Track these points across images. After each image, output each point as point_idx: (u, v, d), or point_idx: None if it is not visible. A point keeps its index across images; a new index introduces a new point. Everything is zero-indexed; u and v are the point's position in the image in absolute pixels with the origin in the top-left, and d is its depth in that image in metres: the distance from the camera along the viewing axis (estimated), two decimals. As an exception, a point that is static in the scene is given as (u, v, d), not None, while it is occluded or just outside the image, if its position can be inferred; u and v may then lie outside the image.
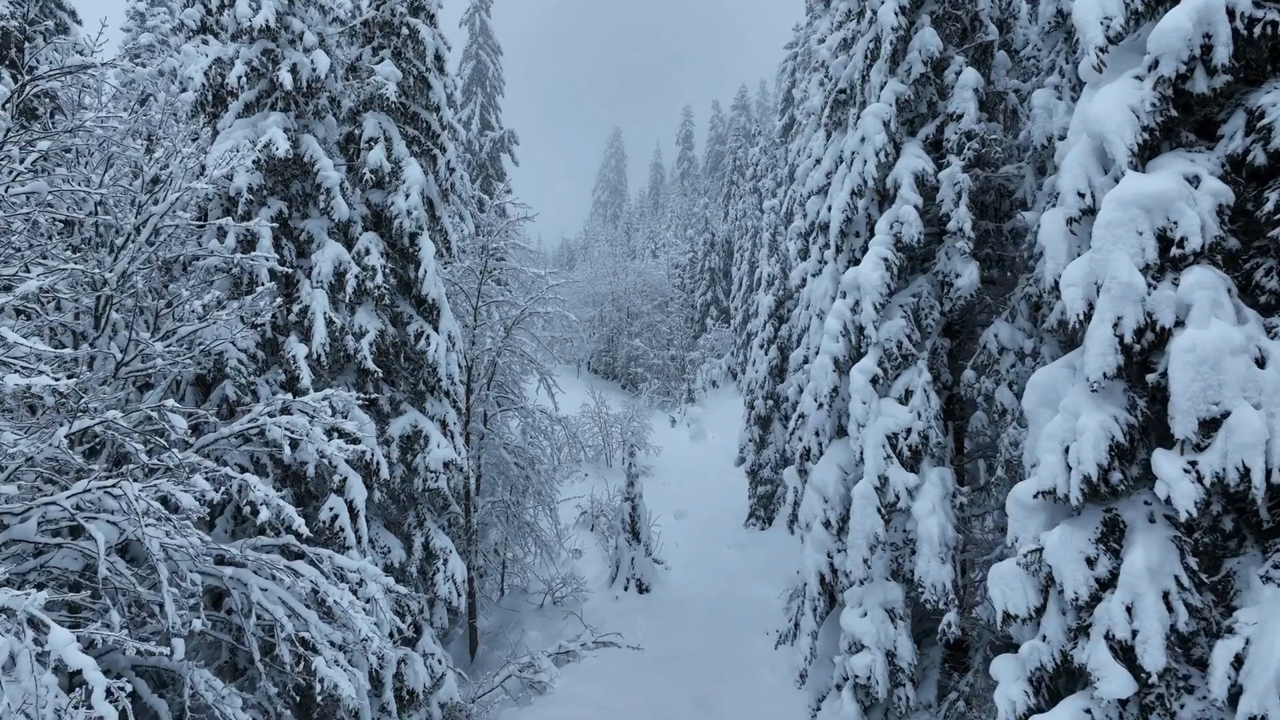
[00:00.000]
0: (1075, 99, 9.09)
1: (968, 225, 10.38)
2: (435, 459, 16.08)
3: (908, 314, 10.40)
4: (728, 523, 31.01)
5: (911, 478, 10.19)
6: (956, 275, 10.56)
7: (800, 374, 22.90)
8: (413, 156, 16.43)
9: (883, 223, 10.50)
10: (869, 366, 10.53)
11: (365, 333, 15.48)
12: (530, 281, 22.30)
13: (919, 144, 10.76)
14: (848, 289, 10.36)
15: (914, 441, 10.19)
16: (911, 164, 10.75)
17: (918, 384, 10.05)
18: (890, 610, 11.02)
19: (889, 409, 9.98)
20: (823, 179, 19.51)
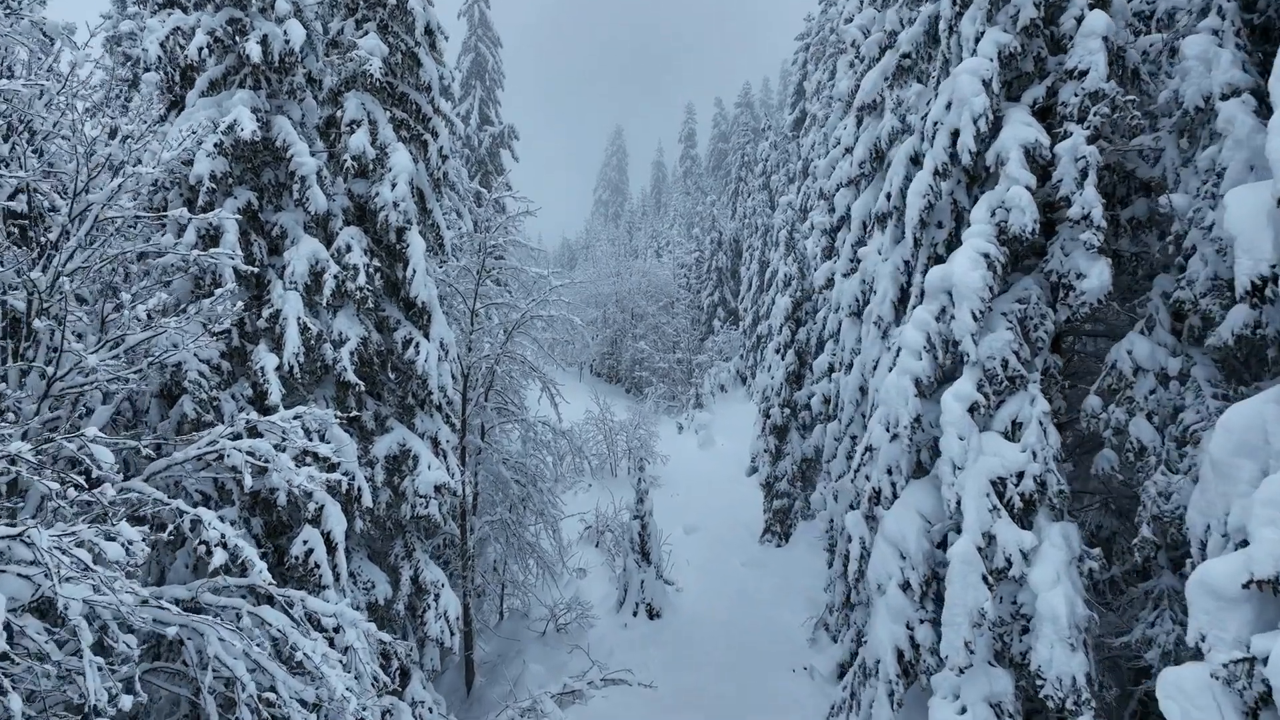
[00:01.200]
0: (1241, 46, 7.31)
1: (1097, 211, 8.37)
2: (425, 482, 14.28)
3: (1013, 324, 8.46)
4: (741, 538, 29.20)
5: (1026, 536, 8.13)
6: (1078, 275, 8.54)
7: (824, 383, 21.11)
8: (400, 142, 14.64)
9: (981, 209, 8.60)
10: (966, 391, 8.43)
11: (345, 340, 13.68)
12: (531, 282, 20.50)
13: (1025, 110, 8.83)
14: (932, 292, 8.49)
15: (1028, 489, 8.16)
16: (1020, 134, 8.78)
17: (1030, 414, 8.13)
18: (997, 706, 8.70)
19: (993, 445, 8.05)
20: (853, 169, 17.72)
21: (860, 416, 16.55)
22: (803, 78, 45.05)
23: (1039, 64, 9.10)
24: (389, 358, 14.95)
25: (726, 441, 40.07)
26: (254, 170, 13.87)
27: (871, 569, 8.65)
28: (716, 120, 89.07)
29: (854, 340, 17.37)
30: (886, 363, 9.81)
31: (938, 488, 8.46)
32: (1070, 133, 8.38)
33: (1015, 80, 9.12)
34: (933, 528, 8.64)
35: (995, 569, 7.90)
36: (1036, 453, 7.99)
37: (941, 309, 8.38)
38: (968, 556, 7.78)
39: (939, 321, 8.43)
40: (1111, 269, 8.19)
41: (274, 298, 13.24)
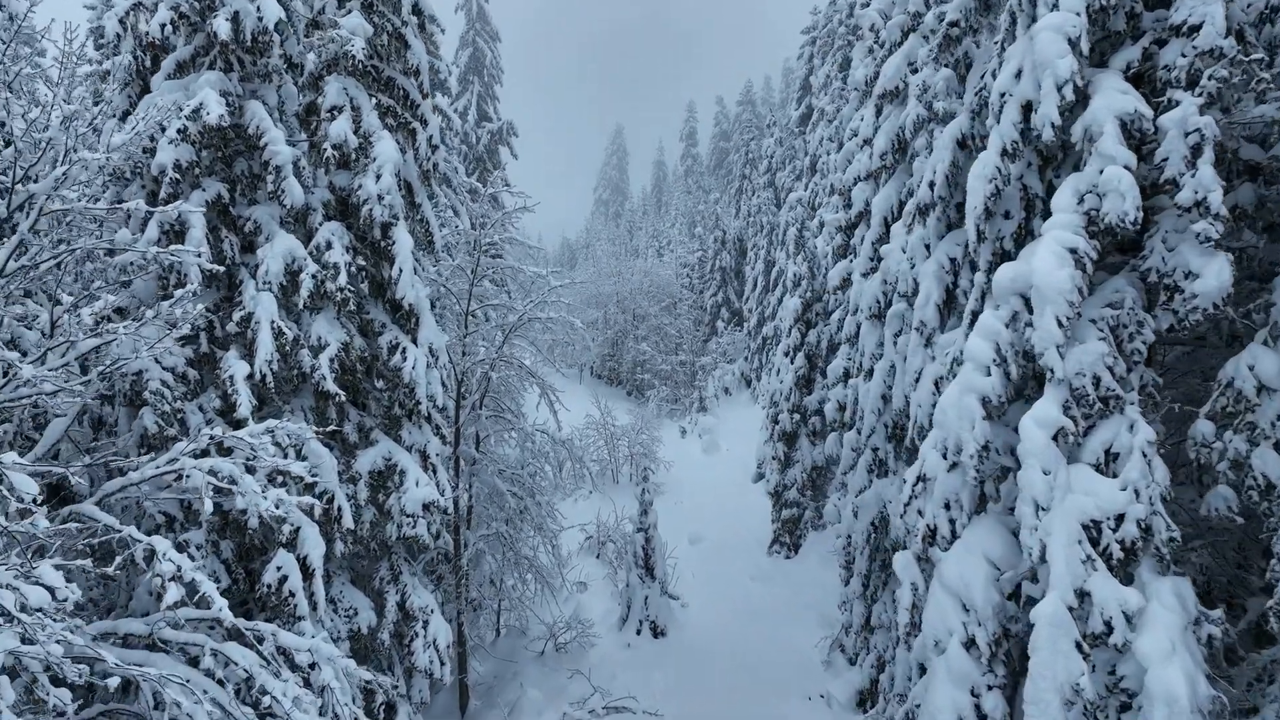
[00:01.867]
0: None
1: (1215, 197, 6.99)
2: (413, 500, 13.12)
3: (1105, 333, 7.24)
4: (749, 549, 28.03)
5: (1130, 595, 6.61)
6: (1187, 274, 7.33)
7: (839, 389, 19.95)
8: (386, 130, 13.48)
9: (1065, 195, 7.29)
10: (1050, 415, 6.98)
11: (325, 346, 12.52)
12: (530, 282, 19.34)
13: (1117, 76, 7.55)
14: (1002, 294, 7.25)
15: (1129, 535, 6.82)
16: (1115, 104, 7.29)
17: (1129, 443, 6.87)
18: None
19: (1084, 481, 6.80)
20: (873, 162, 16.56)
21: (883, 427, 15.39)
22: (809, 72, 43.88)
23: (1132, 21, 7.81)
24: (374, 364, 13.80)
25: (731, 446, 38.91)
26: (225, 160, 12.72)
27: (927, 622, 7.43)
28: (718, 119, 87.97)
29: (874, 345, 16.22)
30: (931, 374, 8.68)
31: (1009, 527, 7.26)
32: (1176, 101, 7.11)
33: (1102, 42, 7.84)
34: (1002, 575, 7.38)
35: (1091, 634, 6.62)
36: (1140, 491, 6.70)
37: (1013, 314, 7.15)
38: (1057, 618, 6.51)
39: (1010, 329, 7.20)
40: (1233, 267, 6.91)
41: (246, 299, 12.09)
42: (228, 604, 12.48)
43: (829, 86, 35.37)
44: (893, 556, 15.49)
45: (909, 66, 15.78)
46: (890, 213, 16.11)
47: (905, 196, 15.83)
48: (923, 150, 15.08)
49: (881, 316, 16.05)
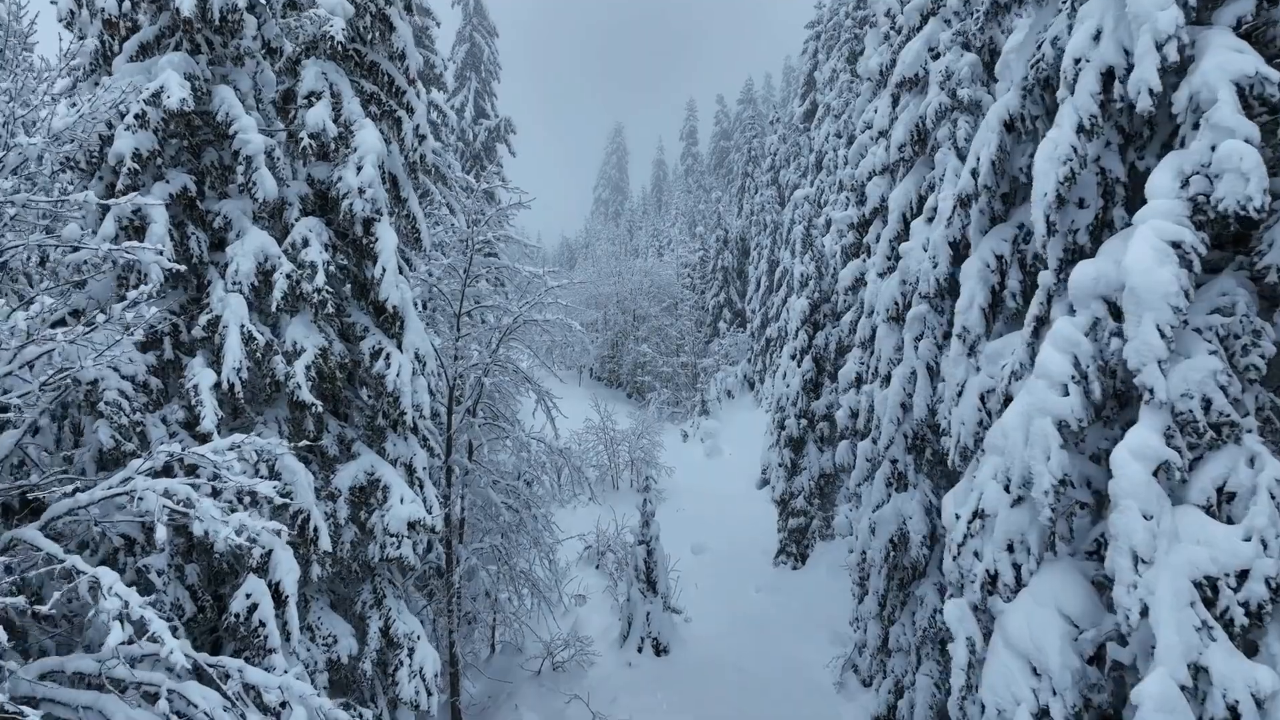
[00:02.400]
0: None
1: None
2: (396, 518, 12.12)
3: (1215, 345, 6.17)
4: (754, 559, 27.03)
5: (1262, 674, 5.31)
6: None
7: (851, 394, 18.95)
8: (369, 118, 12.48)
9: (1163, 176, 6.08)
10: (1149, 445, 5.71)
11: (301, 352, 11.52)
12: (526, 282, 18.35)
13: (1227, 33, 6.48)
14: (1082, 297, 6.15)
15: (1256, 596, 5.43)
16: (1230, 64, 5.96)
17: (1253, 481, 5.71)
18: None
19: (1194, 527, 5.62)
20: (890, 155, 15.58)
21: (903, 438, 14.40)
22: (813, 67, 42.89)
23: (1240, -40, 6.81)
24: (356, 372, 12.80)
25: (734, 451, 37.91)
26: (193, 150, 11.71)
27: (988, 686, 6.37)
28: (718, 117, 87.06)
29: (892, 349, 15.22)
30: (976, 387, 7.68)
31: (1086, 575, 6.23)
32: (1304, 58, 6.10)
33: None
34: (1081, 634, 6.30)
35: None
36: (1268, 541, 5.68)
37: (1093, 321, 6.12)
38: (1167, 700, 5.27)
39: (1091, 339, 6.18)
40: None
41: (213, 301, 11.09)
42: (196, 634, 11.57)
43: (835, 81, 34.40)
44: (914, 577, 14.54)
45: (929, 52, 14.80)
46: (909, 208, 15.13)
47: (926, 191, 14.85)
48: (945, 141, 14.09)
49: (900, 319, 15.06)
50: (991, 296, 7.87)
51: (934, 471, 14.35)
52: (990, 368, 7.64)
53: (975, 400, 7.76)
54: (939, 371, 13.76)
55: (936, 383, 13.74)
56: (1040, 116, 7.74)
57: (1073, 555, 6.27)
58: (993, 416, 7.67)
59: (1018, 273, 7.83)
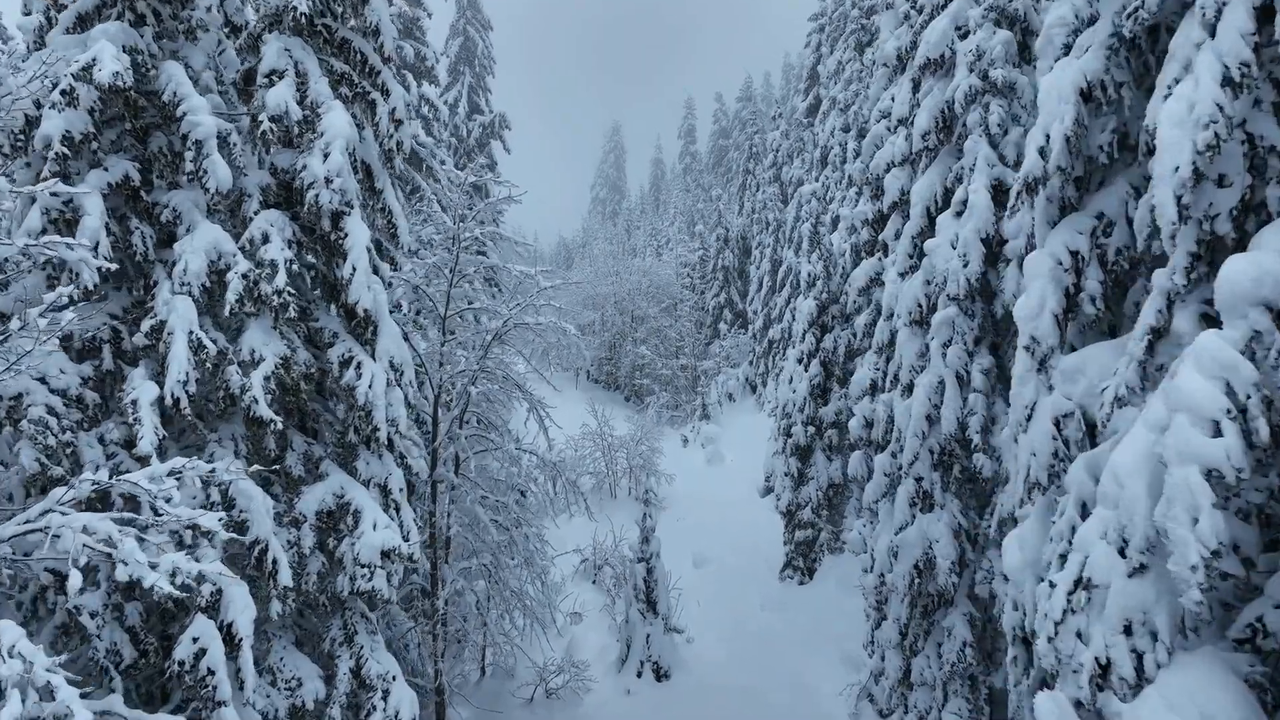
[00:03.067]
0: None
1: None
2: (368, 547, 10.84)
3: None
4: (759, 573, 25.76)
5: None
6: None
7: (865, 402, 17.69)
8: (338, 101, 11.20)
9: None
10: None
11: (259, 361, 10.24)
12: (516, 284, 17.07)
13: None
14: (1235, 305, 4.71)
15: None
16: None
17: None
18: None
19: None
20: (912, 144, 14.33)
21: (928, 453, 13.15)
22: (816, 61, 41.65)
23: None
24: (325, 382, 11.52)
25: (736, 457, 36.64)
26: (138, 135, 10.43)
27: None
28: (717, 116, 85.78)
29: (915, 355, 13.97)
30: (1050, 410, 6.43)
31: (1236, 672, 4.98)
32: None
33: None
34: None
35: None
36: None
37: (1251, 335, 4.85)
38: None
39: (1251, 357, 4.89)
40: None
41: (158, 305, 9.81)
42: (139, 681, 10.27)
43: (841, 73, 33.16)
44: (939, 604, 13.27)
45: (956, 31, 13.55)
46: (934, 202, 13.88)
47: (952, 183, 13.60)
48: (975, 128, 12.84)
49: (924, 323, 13.81)
50: (1066, 300, 6.64)
51: (963, 490, 13.10)
52: (1067, 387, 6.41)
53: (1048, 426, 6.51)
54: (970, 381, 12.51)
55: (967, 393, 12.49)
56: (1126, 83, 6.50)
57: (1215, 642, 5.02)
58: (1071, 446, 6.44)
59: (1098, 271, 6.59)
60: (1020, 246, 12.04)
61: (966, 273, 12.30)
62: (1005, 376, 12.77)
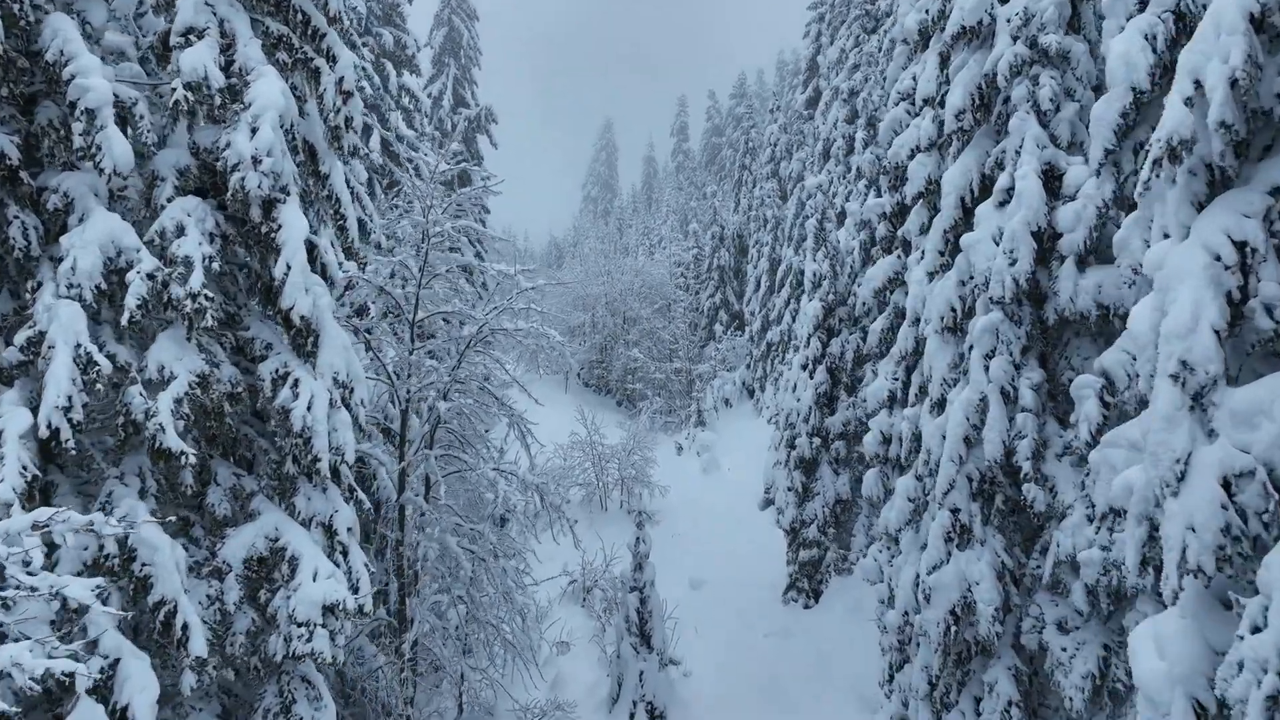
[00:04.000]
0: None
1: None
2: (307, 601, 9.02)
3: None
4: (760, 595, 23.95)
5: None
6: None
7: (883, 416, 15.95)
8: (273, 67, 9.38)
9: None
10: None
11: (169, 380, 8.42)
12: (494, 284, 15.24)
13: None
14: None
15: None
16: None
17: None
18: None
19: None
20: (947, 123, 12.59)
21: (966, 481, 11.39)
22: (816, 51, 39.93)
23: None
24: (255, 402, 9.69)
25: (734, 466, 34.84)
26: (21, 104, 8.59)
27: None
28: (710, 113, 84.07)
29: (947, 367, 12.22)
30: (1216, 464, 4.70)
31: None
32: None
33: None
34: None
35: None
36: None
37: None
38: None
39: None
40: None
41: (38, 311, 7.97)
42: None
43: (844, 62, 31.44)
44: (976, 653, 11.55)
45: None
46: (968, 191, 12.12)
47: (992, 168, 11.84)
48: (1022, 103, 11.08)
49: (958, 329, 12.06)
50: (1230, 310, 4.91)
51: (1006, 524, 11.34)
52: (1241, 434, 4.68)
53: (1214, 490, 4.73)
54: (1017, 398, 10.75)
55: (1014, 413, 10.73)
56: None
57: None
58: (1250, 519, 4.69)
59: (1277, 268, 4.86)
60: (1078, 240, 10.32)
61: (1014, 272, 10.54)
62: (1056, 393, 11.02)
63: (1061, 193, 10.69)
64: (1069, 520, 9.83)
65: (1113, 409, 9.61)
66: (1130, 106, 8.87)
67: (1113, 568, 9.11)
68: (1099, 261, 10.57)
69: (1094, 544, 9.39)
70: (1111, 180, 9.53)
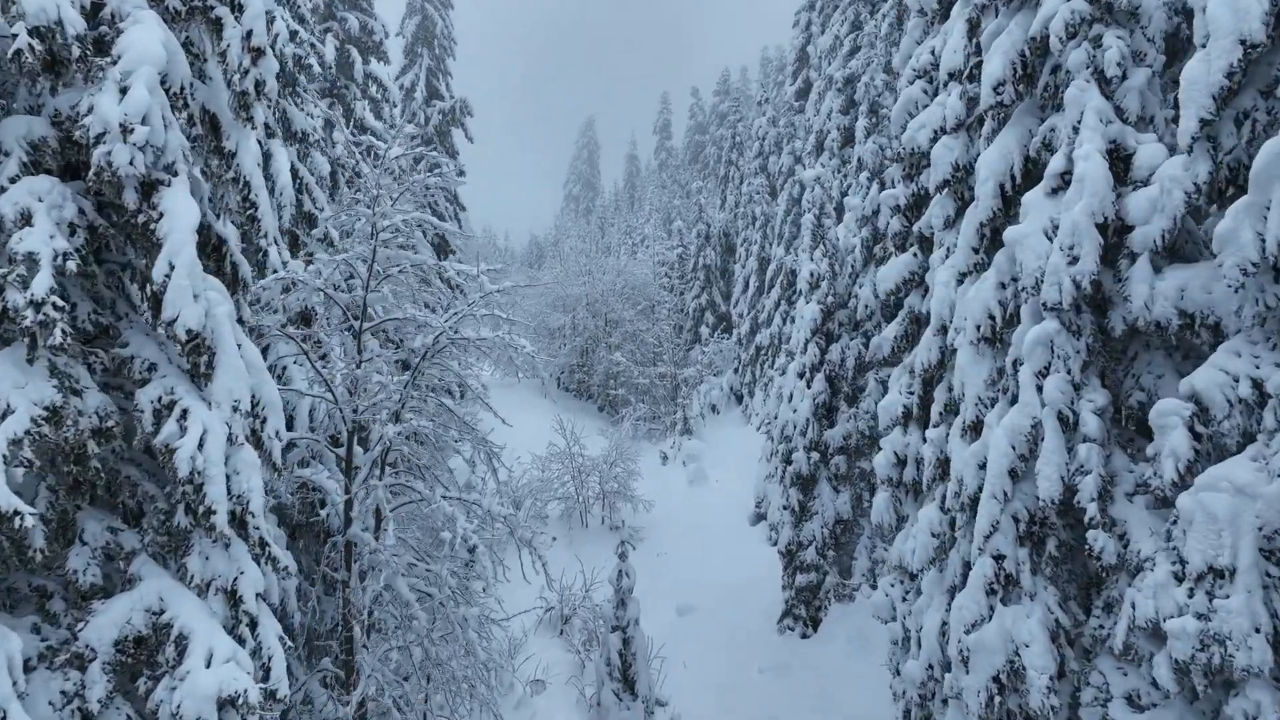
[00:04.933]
0: None
1: None
2: (198, 695, 7.05)
3: None
4: (753, 623, 22.12)
5: None
6: None
7: (897, 436, 14.11)
8: (161, 15, 7.40)
9: None
10: None
11: (6, 414, 6.44)
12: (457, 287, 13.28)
13: None
14: None
15: None
16: None
17: None
18: None
19: None
20: (976, 102, 10.77)
21: (1012, 522, 9.55)
22: (807, 41, 38.15)
23: None
24: (133, 440, 7.70)
25: (722, 477, 33.00)
26: None
27: None
28: (693, 110, 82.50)
29: (982, 383, 10.39)
30: None
31: None
32: None
33: None
34: None
35: None
36: None
37: None
38: None
39: None
40: None
41: None
42: None
43: (839, 49, 29.66)
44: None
45: (1043, -57, 9.94)
46: (1009, 176, 10.28)
47: (1039, 150, 10.00)
48: (1080, 70, 9.25)
49: (997, 340, 10.24)
50: None
51: (1059, 573, 9.50)
52: None
53: None
54: (1078, 425, 8.92)
55: (1074, 442, 8.90)
56: None
57: None
58: None
59: None
60: (1154, 234, 8.50)
61: (1075, 272, 8.71)
62: (1122, 418, 9.20)
63: (1131, 177, 8.87)
64: (1149, 578, 8.00)
65: (1206, 441, 7.81)
66: (1238, 64, 7.07)
67: (1214, 642, 7.29)
68: (1174, 260, 8.79)
69: (1186, 610, 7.57)
70: (1206, 159, 7.72)
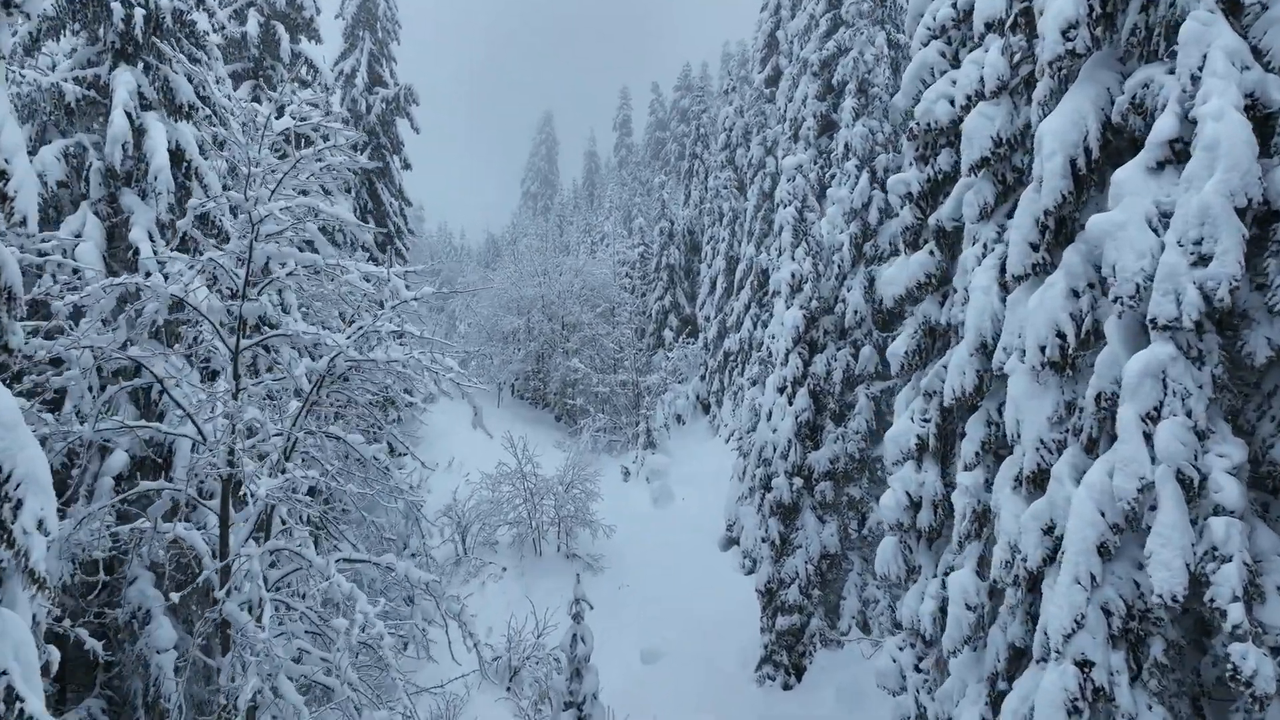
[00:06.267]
0: None
1: None
2: None
3: None
4: (728, 671, 19.55)
5: None
6: None
7: (909, 471, 11.64)
8: None
9: None
10: None
11: None
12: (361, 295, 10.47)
13: None
14: None
15: None
16: None
17: None
18: None
19: None
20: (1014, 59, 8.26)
21: (1102, 615, 7.03)
22: (776, 25, 35.75)
23: None
24: None
25: (688, 495, 30.42)
26: None
27: None
28: (654, 107, 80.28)
29: (1046, 423, 7.91)
30: None
31: None
32: None
33: None
34: None
35: None
36: None
37: None
38: None
39: None
40: None
41: None
42: None
43: (814, 29, 27.23)
44: None
45: None
46: (1083, 149, 7.77)
47: (1126, 112, 7.50)
48: (1197, 2, 6.75)
49: (1067, 366, 7.74)
50: None
51: (1165, 684, 7.01)
52: None
53: None
54: (1208, 490, 6.42)
55: (1205, 516, 6.40)
56: None
57: None
58: None
59: None
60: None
61: (1204, 276, 6.22)
62: (1262, 478, 6.73)
63: (1276, 144, 6.41)
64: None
65: None
66: None
67: None
68: (1332, 259, 6.36)
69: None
70: None
